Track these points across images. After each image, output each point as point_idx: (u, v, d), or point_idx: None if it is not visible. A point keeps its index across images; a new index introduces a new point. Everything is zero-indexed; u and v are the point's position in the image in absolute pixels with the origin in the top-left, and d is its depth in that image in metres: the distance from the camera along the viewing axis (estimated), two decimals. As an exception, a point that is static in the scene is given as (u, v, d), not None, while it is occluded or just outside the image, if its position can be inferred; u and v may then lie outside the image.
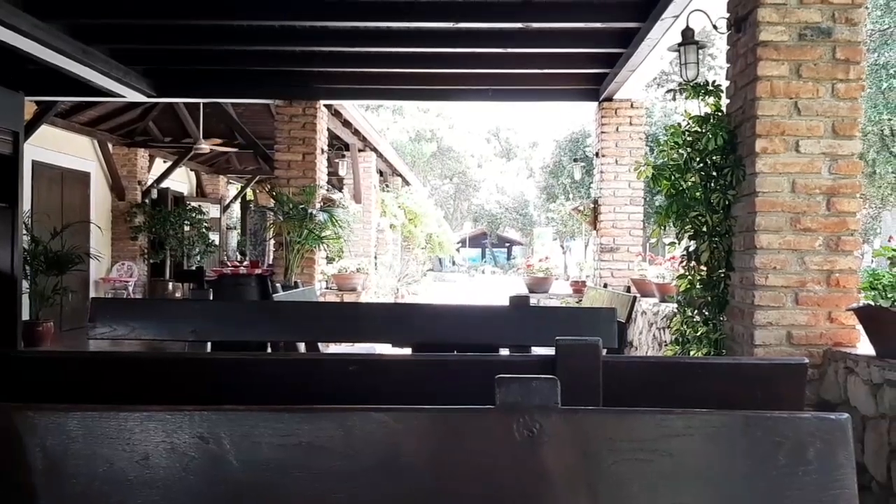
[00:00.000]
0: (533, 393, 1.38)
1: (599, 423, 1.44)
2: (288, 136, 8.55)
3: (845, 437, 1.47)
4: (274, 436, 1.32)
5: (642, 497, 1.38)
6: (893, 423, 2.92)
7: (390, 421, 1.37)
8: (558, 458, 1.38)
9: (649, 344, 6.75)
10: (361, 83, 8.23)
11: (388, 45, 6.80)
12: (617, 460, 1.37)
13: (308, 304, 4.83)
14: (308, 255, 8.54)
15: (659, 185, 4.28)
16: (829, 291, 3.58)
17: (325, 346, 5.94)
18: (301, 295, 6.07)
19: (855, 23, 3.62)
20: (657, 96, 21.66)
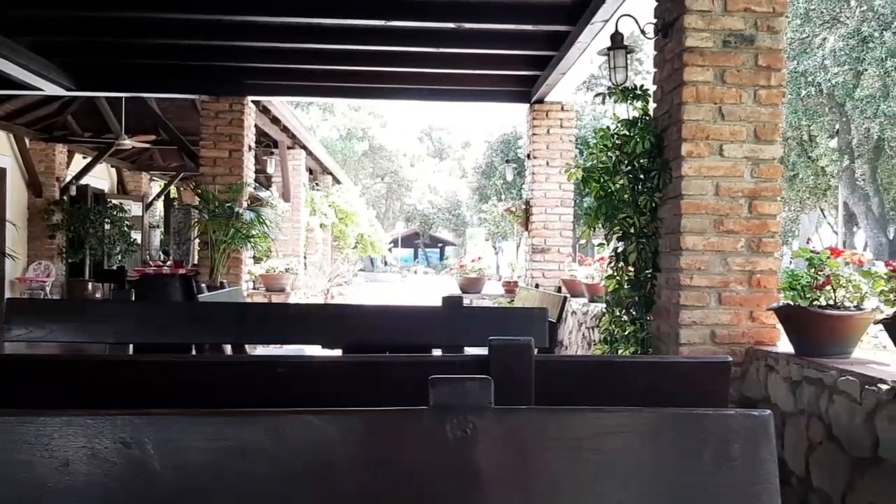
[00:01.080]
0: (466, 393, 1.37)
1: (532, 421, 1.44)
2: (214, 132, 8.36)
3: (768, 433, 1.50)
4: (200, 440, 1.28)
5: (574, 495, 1.39)
6: (811, 418, 3.03)
7: (321, 423, 1.34)
8: (492, 457, 1.37)
9: (579, 343, 6.85)
10: (291, 79, 8.12)
11: (319, 42, 6.72)
12: (550, 459, 1.38)
13: (234, 305, 4.72)
14: (234, 254, 8.38)
15: (588, 187, 4.34)
16: (750, 291, 3.69)
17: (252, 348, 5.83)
18: (227, 296, 5.94)
19: (776, 31, 3.74)
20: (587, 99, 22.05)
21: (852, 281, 3.14)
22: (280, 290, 9.79)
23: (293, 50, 7.13)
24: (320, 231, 15.25)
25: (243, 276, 8.63)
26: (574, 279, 7.39)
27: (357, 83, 8.06)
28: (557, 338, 7.13)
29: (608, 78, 4.97)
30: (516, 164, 15.91)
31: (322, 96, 9.59)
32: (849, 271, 3.19)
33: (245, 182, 8.48)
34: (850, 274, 3.17)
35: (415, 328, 3.52)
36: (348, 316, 3.80)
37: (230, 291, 6.41)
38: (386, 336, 3.42)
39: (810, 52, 18.97)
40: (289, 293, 9.88)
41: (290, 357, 2.35)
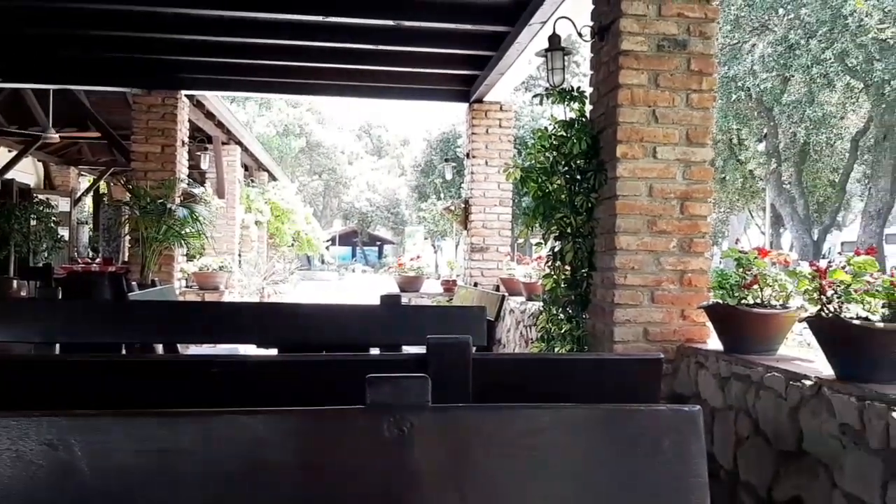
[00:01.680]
0: (404, 391, 1.36)
1: (469, 419, 1.44)
2: (146, 126, 8.17)
3: (697, 428, 1.54)
4: (129, 442, 1.24)
5: (511, 492, 1.40)
6: (739, 413, 3.12)
7: (255, 424, 1.32)
8: (429, 456, 1.37)
9: (516, 341, 6.91)
10: (226, 74, 7.97)
11: (255, 37, 6.62)
12: (487, 456, 1.38)
13: (166, 304, 4.61)
14: (166, 252, 8.19)
15: (527, 187, 4.38)
16: (682, 290, 3.78)
17: (184, 347, 5.70)
18: (158, 294, 5.79)
19: (708, 36, 3.83)
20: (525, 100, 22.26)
21: (778, 280, 3.25)
22: (214, 288, 9.61)
23: (228, 44, 7.01)
24: (256, 229, 15.02)
25: (176, 274, 8.45)
26: (512, 278, 7.45)
27: (295, 79, 7.96)
28: (496, 336, 7.18)
29: (546, 79, 5.03)
30: (455, 163, 15.96)
31: (258, 92, 9.44)
32: (775, 271, 3.29)
33: (178, 178, 8.30)
34: (777, 274, 3.28)
35: (352, 327, 3.49)
36: (284, 315, 3.75)
37: (162, 290, 6.26)
38: (322, 335, 3.38)
39: (740, 57, 19.55)
40: (223, 292, 9.70)
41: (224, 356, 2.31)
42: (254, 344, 3.77)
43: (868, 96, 20.32)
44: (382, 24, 6.22)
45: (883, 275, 2.52)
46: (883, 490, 2.24)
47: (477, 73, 7.51)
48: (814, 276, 2.64)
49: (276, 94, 9.41)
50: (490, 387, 2.03)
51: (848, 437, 2.42)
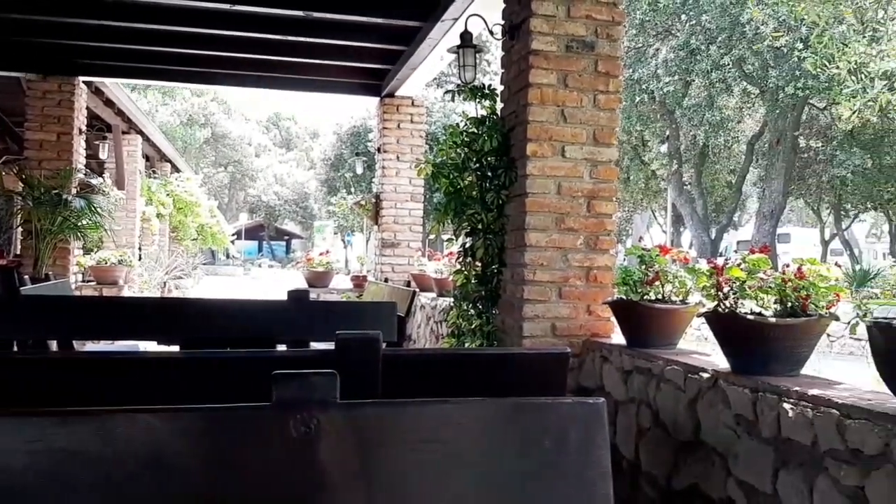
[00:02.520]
0: (311, 388, 1.34)
1: (378, 416, 1.43)
2: (41, 113, 7.78)
3: (601, 420, 1.58)
4: (22, 442, 1.18)
5: (420, 487, 1.39)
6: (641, 406, 3.22)
7: (156, 422, 1.27)
8: (337, 453, 1.35)
9: (427, 337, 6.93)
10: (128, 61, 7.66)
11: (158, 23, 6.39)
12: (396, 452, 1.38)
13: (61, 299, 4.41)
14: (62, 244, 7.83)
15: (438, 182, 4.39)
16: (588, 286, 3.87)
17: (80, 344, 5.46)
18: (53, 288, 5.53)
19: (615, 39, 3.93)
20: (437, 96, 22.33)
21: (678, 277, 3.36)
22: (112, 282, 9.23)
23: (131, 30, 6.73)
24: (157, 221, 14.53)
25: (71, 267, 8.09)
26: (423, 274, 7.46)
27: (200, 68, 7.73)
28: (406, 332, 7.17)
29: (458, 76, 5.05)
30: (366, 158, 15.89)
31: (162, 80, 9.12)
32: (675, 268, 3.41)
33: (74, 167, 7.94)
34: (677, 270, 3.39)
35: (258, 323, 3.43)
36: (187, 311, 3.64)
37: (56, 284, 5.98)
38: (227, 331, 3.30)
39: (644, 61, 20.18)
40: (122, 286, 9.33)
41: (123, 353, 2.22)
42: (154, 341, 3.65)
43: (763, 102, 21.34)
44: (291, 14, 6.11)
45: (775, 272, 2.64)
46: (774, 477, 2.35)
47: (389, 68, 7.48)
48: (711, 273, 2.75)
49: (180, 84, 9.11)
50: (400, 382, 2.02)
51: (742, 427, 2.53)
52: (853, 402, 2.08)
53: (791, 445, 2.28)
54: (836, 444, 2.08)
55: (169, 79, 8.77)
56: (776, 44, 16.99)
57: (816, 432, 2.17)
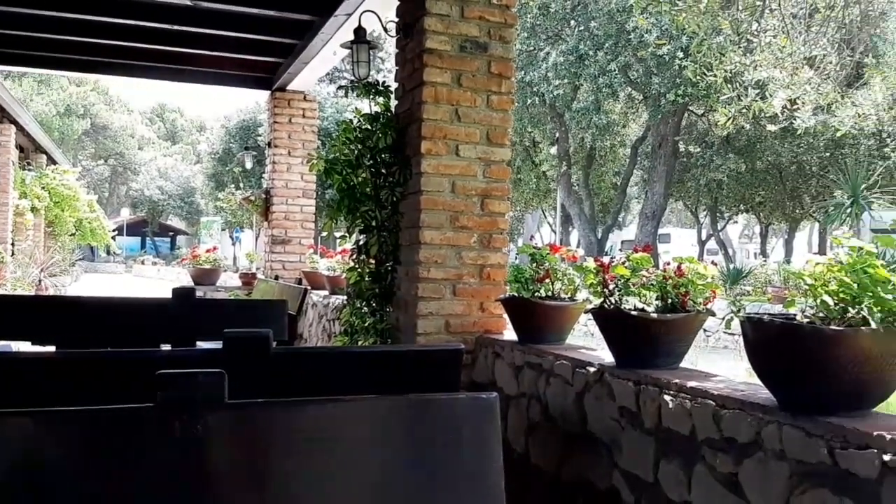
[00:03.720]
0: (197, 388, 1.30)
1: (269, 415, 1.40)
2: None
3: (494, 415, 1.60)
4: None
5: (313, 487, 1.37)
6: (531, 400, 3.29)
7: (31, 425, 1.20)
8: (226, 455, 1.31)
9: (319, 335, 6.84)
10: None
11: (34, 7, 6.02)
12: (288, 453, 1.35)
13: (-77, 297, 4.09)
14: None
15: (331, 179, 4.34)
16: (481, 284, 3.92)
17: (-55, 345, 5.09)
18: (-86, 286, 5.13)
19: (507, 41, 3.99)
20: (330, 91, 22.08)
21: (567, 275, 3.46)
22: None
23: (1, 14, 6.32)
24: (32, 216, 13.73)
25: (-66, 264, 7.53)
26: (315, 271, 7.36)
27: (80, 55, 7.33)
28: (297, 331, 7.06)
29: (351, 72, 5.00)
30: (256, 152, 15.52)
31: (38, 67, 8.59)
32: (565, 266, 3.50)
33: (-62, 156, 7.39)
34: (566, 269, 3.49)
35: (141, 322, 3.29)
36: (63, 309, 3.46)
37: (-84, 282, 5.55)
38: (108, 331, 3.16)
39: (536, 64, 20.61)
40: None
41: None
42: (28, 341, 3.44)
43: (646, 107, 22.22)
44: (178, 2, 5.89)
45: (657, 270, 2.75)
46: (656, 466, 2.45)
47: (280, 61, 7.33)
48: (598, 270, 2.84)
49: (58, 72, 8.60)
50: (291, 381, 1.99)
51: (625, 419, 2.62)
52: (728, 393, 2.20)
53: (671, 435, 2.38)
54: (712, 433, 2.19)
55: (46, 66, 8.27)
56: (659, 52, 17.74)
57: (694, 422, 2.28)
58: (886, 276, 1.86)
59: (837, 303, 1.90)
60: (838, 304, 1.89)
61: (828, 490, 1.79)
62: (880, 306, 1.84)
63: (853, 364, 1.84)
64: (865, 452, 1.71)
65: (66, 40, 6.93)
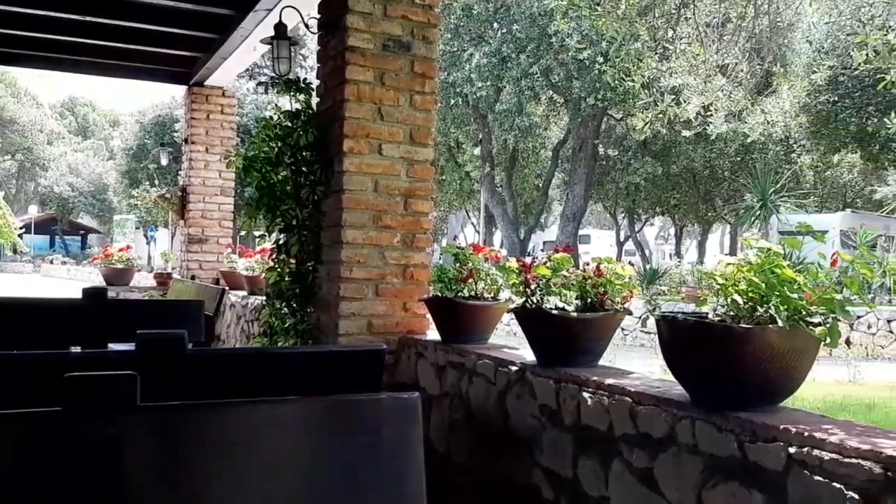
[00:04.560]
0: (109, 391, 1.25)
1: (184, 419, 1.36)
2: None
3: (416, 414, 1.60)
4: None
5: (232, 492, 1.34)
6: (454, 399, 3.30)
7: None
8: (139, 460, 1.27)
9: (237, 337, 6.70)
10: None
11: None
12: (204, 457, 1.31)
13: None
14: None
15: (250, 177, 4.25)
16: (404, 284, 3.91)
17: None
18: None
19: (430, 41, 4.00)
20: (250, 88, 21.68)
21: (490, 275, 3.49)
22: None
23: None
24: (-70, 212, 13.01)
25: None
26: (234, 271, 7.21)
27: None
28: (215, 332, 6.90)
29: (272, 68, 4.92)
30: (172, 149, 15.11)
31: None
32: (488, 266, 3.53)
33: None
34: (489, 269, 3.52)
35: (50, 323, 3.15)
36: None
37: None
38: (14, 333, 3.01)
39: (459, 65, 20.73)
40: None
41: None
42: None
43: (567, 110, 22.63)
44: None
45: (577, 270, 2.80)
46: (575, 463, 2.49)
47: (198, 56, 7.16)
48: (520, 270, 2.87)
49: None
50: (208, 384, 1.94)
51: (546, 417, 2.66)
52: (644, 389, 2.25)
53: (590, 432, 2.43)
54: (629, 429, 2.24)
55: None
56: (579, 56, 18.09)
57: (612, 419, 2.32)
58: (792, 277, 1.94)
59: (747, 302, 1.97)
60: (748, 303, 1.97)
61: (737, 483, 1.86)
62: (787, 305, 1.91)
63: (762, 360, 1.91)
64: (772, 445, 1.77)
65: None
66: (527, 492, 2.73)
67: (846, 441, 1.63)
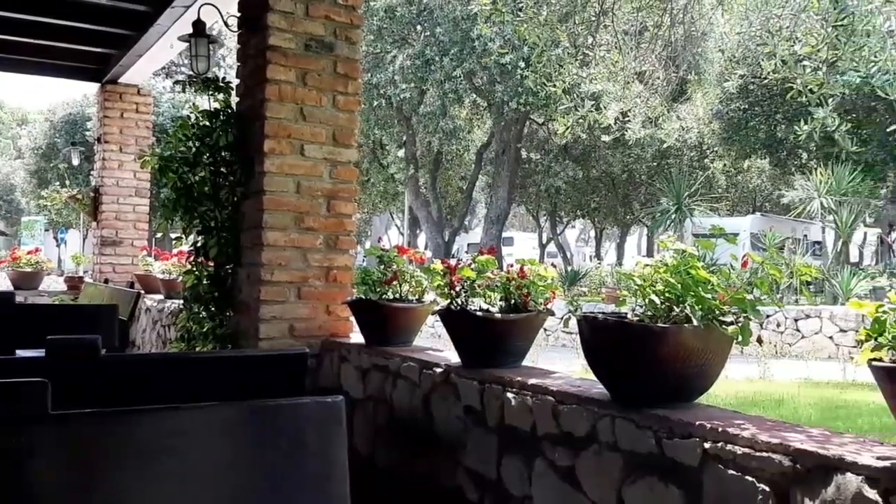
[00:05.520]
0: (17, 399, 1.19)
1: (98, 427, 1.31)
2: None
3: (339, 418, 1.58)
4: None
5: (148, 502, 1.30)
6: (378, 403, 3.28)
7: None
8: (50, 471, 1.21)
9: (153, 342, 6.51)
10: None
11: None
12: (120, 466, 1.27)
13: None
14: None
15: (166, 177, 4.14)
16: (327, 286, 3.87)
17: None
18: None
19: (353, 42, 3.97)
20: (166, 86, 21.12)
21: (415, 277, 3.48)
22: None
23: None
24: None
25: None
26: (149, 274, 7.01)
27: None
28: (130, 337, 6.69)
29: (189, 66, 4.81)
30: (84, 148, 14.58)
31: None
32: (412, 268, 3.53)
33: None
34: (414, 270, 3.52)
35: (-49, 330, 3.00)
36: None
37: None
38: (-89, 340, 2.85)
39: (382, 66, 20.67)
40: None
41: None
42: None
43: (490, 114, 22.84)
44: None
45: (501, 272, 2.83)
46: (499, 463, 2.51)
47: (112, 53, 6.92)
48: (445, 272, 2.88)
49: None
50: (123, 390, 1.87)
51: (471, 418, 2.67)
52: (566, 389, 2.29)
53: (513, 432, 2.45)
54: (552, 428, 2.28)
55: None
56: (502, 60, 18.28)
57: (535, 418, 2.35)
58: (706, 277, 2.01)
59: (664, 302, 2.02)
60: (664, 303, 2.02)
61: (656, 478, 1.91)
62: (701, 304, 1.98)
63: (678, 359, 1.96)
64: (688, 441, 1.83)
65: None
66: (451, 493, 2.73)
67: (757, 435, 1.69)
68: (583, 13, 7.53)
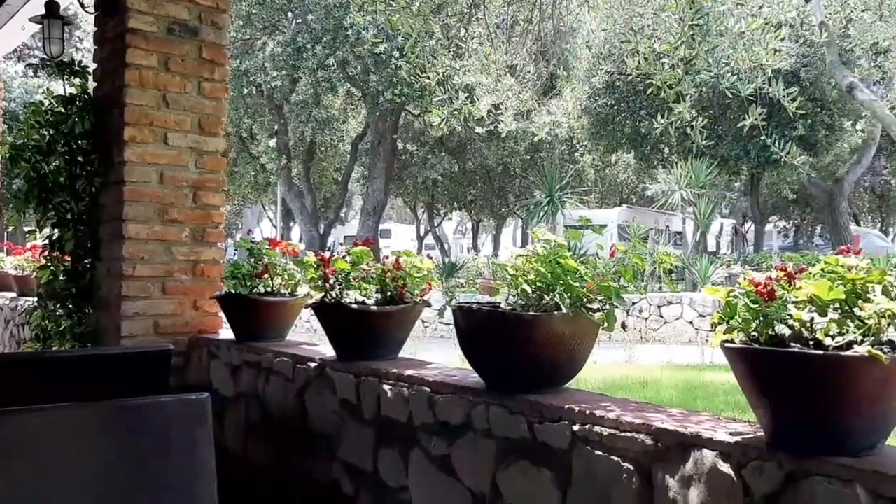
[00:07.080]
0: None
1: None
2: None
3: (205, 415, 1.53)
4: None
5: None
6: (250, 400, 3.19)
7: None
8: None
9: (6, 343, 6.09)
10: None
11: None
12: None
13: None
14: None
15: (17, 167, 3.86)
16: (195, 281, 3.72)
17: None
18: None
19: (220, 27, 3.83)
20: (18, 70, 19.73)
21: (288, 270, 3.40)
22: None
23: None
24: None
25: None
26: (1, 270, 6.56)
27: None
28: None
29: (42, 49, 4.51)
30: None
31: None
32: (285, 261, 3.45)
33: None
34: (286, 263, 3.43)
35: None
36: None
37: None
38: None
39: (252, 53, 20.13)
40: None
41: None
42: None
43: (365, 104, 22.70)
44: None
45: (377, 264, 2.81)
46: (375, 455, 2.50)
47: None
48: (319, 265, 2.83)
49: None
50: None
51: (346, 412, 2.64)
52: (442, 378, 2.30)
53: (390, 424, 2.44)
54: (428, 418, 2.28)
55: None
56: (376, 50, 18.20)
57: (411, 409, 2.35)
58: (574, 267, 2.07)
59: (535, 291, 2.07)
60: (535, 292, 2.07)
61: (528, 462, 1.95)
62: (570, 293, 2.03)
63: (548, 345, 2.01)
64: (558, 425, 1.88)
65: None
66: (327, 488, 2.70)
67: (622, 417, 1.76)
68: (455, 5, 7.60)
